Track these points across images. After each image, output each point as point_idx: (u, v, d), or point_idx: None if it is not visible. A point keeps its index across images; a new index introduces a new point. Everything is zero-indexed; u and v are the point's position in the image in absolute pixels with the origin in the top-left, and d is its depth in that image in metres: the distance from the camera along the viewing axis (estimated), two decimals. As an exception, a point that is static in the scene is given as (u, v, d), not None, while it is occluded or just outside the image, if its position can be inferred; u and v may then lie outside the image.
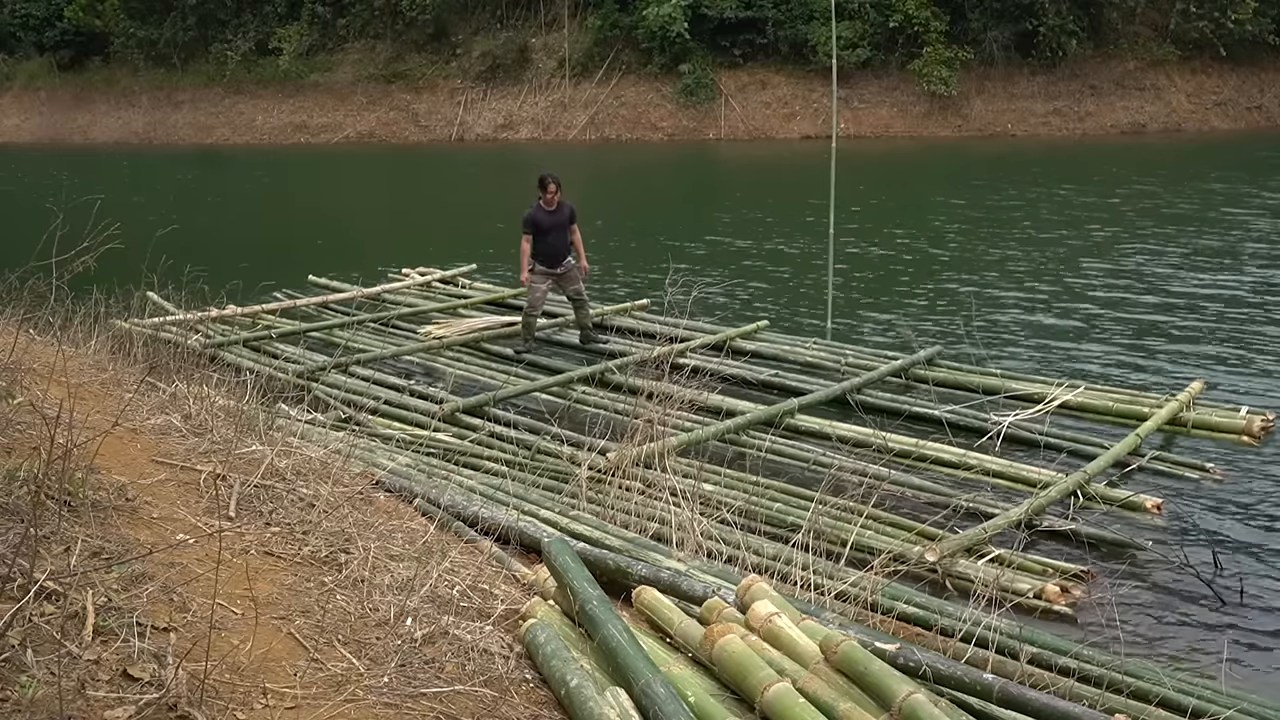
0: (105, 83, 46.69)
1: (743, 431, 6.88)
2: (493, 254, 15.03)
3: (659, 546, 4.77)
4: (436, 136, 38.27)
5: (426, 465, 6.08)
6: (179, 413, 4.52)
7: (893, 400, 7.61)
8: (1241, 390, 7.91)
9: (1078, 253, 13.89)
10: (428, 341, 9.55)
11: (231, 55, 42.45)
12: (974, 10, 32.93)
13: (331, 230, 20.11)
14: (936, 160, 28.04)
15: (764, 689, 2.83)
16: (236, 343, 9.27)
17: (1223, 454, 6.62)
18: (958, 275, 12.78)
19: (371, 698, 2.51)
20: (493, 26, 39.53)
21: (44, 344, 5.35)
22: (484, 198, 23.98)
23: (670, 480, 5.47)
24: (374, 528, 3.78)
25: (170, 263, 7.18)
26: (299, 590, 3.02)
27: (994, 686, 3.03)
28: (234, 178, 30.85)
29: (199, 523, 3.29)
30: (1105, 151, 27.51)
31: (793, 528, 4.97)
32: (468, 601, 3.26)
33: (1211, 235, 14.68)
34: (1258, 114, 32.45)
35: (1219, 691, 3.66)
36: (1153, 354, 9.13)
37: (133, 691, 2.21)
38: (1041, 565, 4.99)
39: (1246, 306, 10.57)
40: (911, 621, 4.20)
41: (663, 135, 35.25)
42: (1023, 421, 6.93)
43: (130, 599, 2.56)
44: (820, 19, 32.90)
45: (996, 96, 33.27)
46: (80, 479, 3.09)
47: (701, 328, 9.26)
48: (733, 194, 23.21)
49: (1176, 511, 5.81)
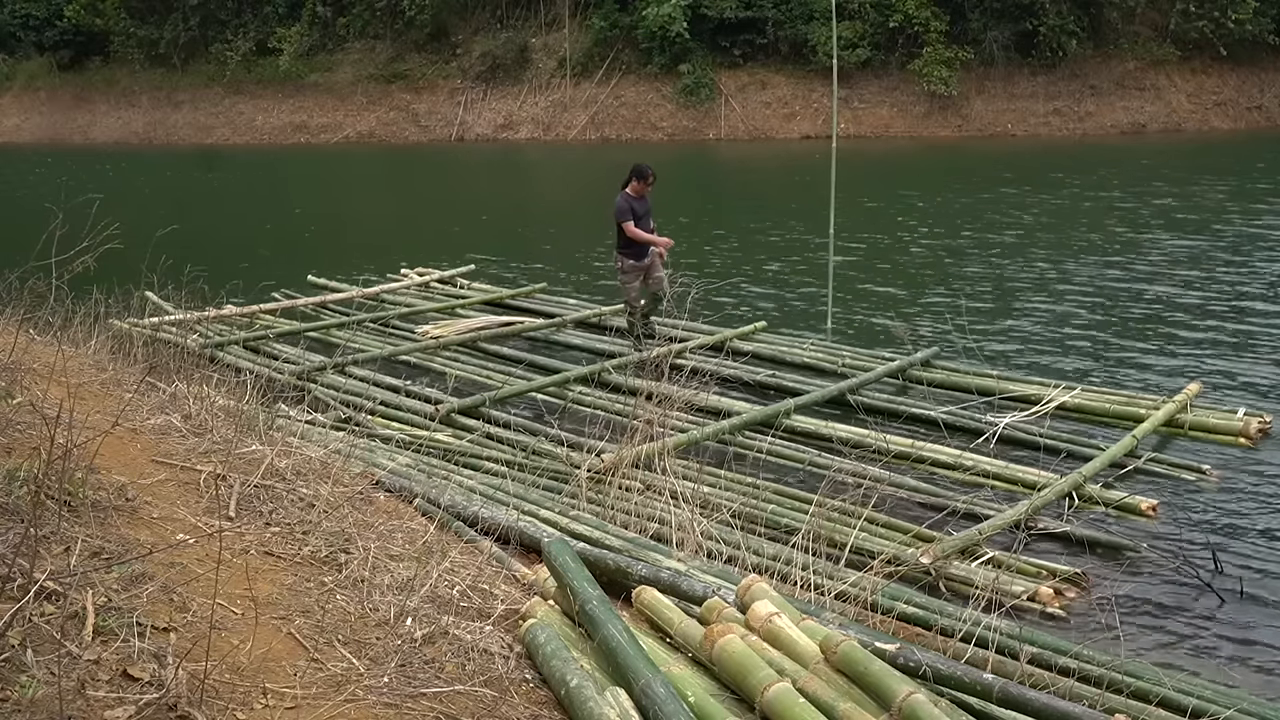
0: (105, 83, 46.68)
1: (741, 432, 6.89)
2: (492, 253, 15.04)
3: (659, 546, 4.77)
4: (436, 136, 38.27)
5: (426, 465, 6.09)
6: (179, 413, 4.52)
7: (890, 401, 7.62)
8: (1238, 392, 7.91)
9: (1076, 254, 13.89)
10: (425, 342, 9.56)
11: (231, 55, 42.45)
12: (974, 10, 32.94)
13: (330, 230, 20.11)
14: (936, 160, 28.04)
15: (764, 689, 2.84)
16: (235, 343, 9.28)
17: (1219, 456, 6.62)
18: (956, 276, 12.77)
19: (371, 698, 2.51)
20: (493, 26, 39.53)
21: (44, 344, 5.35)
22: (483, 198, 23.98)
23: (669, 481, 5.47)
24: (374, 528, 3.78)
25: (170, 263, 7.17)
26: (299, 590, 3.02)
27: (994, 686, 3.03)
28: (229, 177, 30.83)
29: (199, 523, 3.29)
30: (1105, 152, 27.51)
31: (792, 529, 4.97)
32: (468, 601, 3.27)
33: (1210, 236, 14.68)
34: (1258, 114, 32.45)
35: (1219, 691, 3.66)
36: (1149, 355, 9.13)
37: (133, 691, 2.21)
38: (1036, 567, 5.00)
39: (1243, 308, 10.57)
40: (911, 622, 4.21)
41: (663, 135, 35.25)
42: (1019, 423, 6.93)
43: (130, 599, 2.57)
44: (820, 19, 32.92)
45: (996, 96, 33.28)
46: (80, 479, 3.09)
47: (699, 328, 9.26)
48: (732, 194, 23.21)
49: (1173, 513, 5.81)
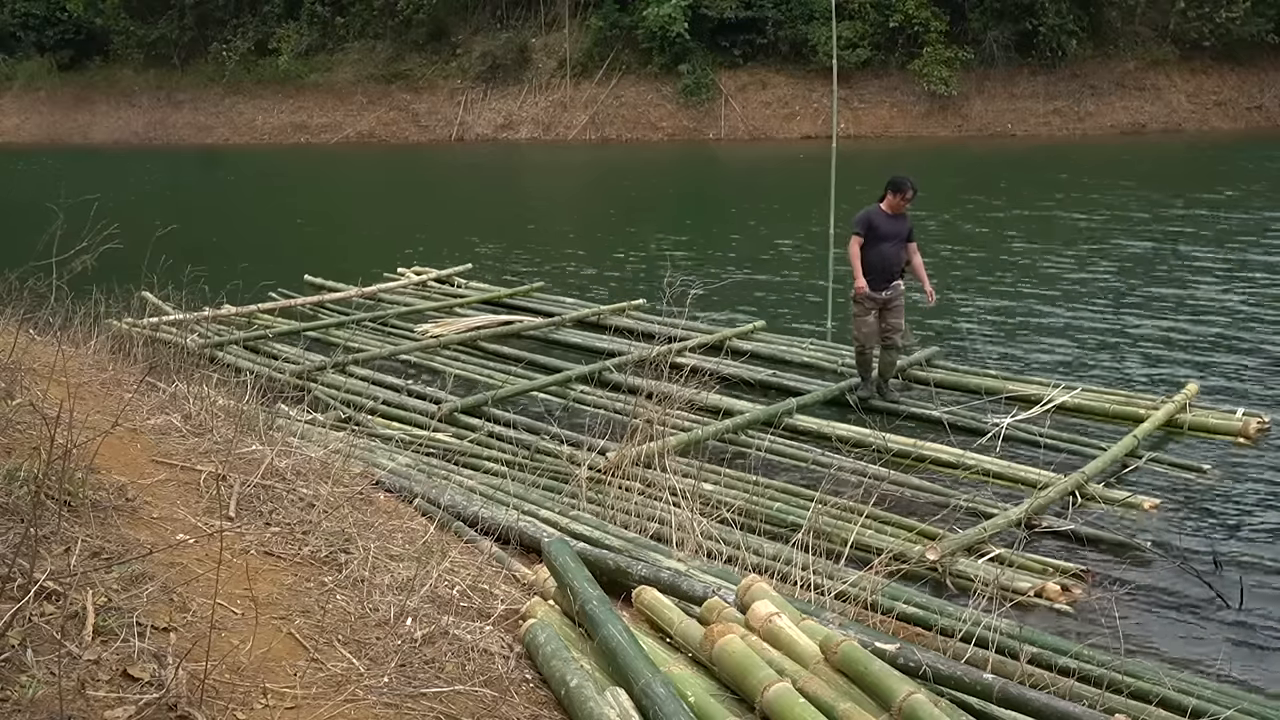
0: (105, 82, 46.68)
1: (742, 431, 6.89)
2: (492, 253, 15.04)
3: (659, 546, 4.77)
4: (436, 137, 38.26)
5: (426, 465, 6.08)
6: (179, 413, 4.52)
7: (891, 400, 7.61)
8: (1237, 392, 7.91)
9: (1076, 254, 13.89)
10: (424, 341, 9.56)
11: (229, 55, 42.43)
12: (974, 10, 32.95)
13: (330, 230, 20.10)
14: (936, 160, 28.03)
15: (764, 689, 2.83)
16: (235, 343, 9.28)
17: (1218, 455, 6.63)
18: (956, 275, 12.77)
19: (371, 698, 2.51)
20: (493, 26, 39.54)
21: (44, 344, 5.34)
22: (483, 198, 23.98)
23: (670, 480, 5.47)
24: (374, 528, 3.78)
25: (170, 263, 7.17)
26: (299, 590, 3.02)
27: (994, 686, 3.03)
28: (230, 177, 30.82)
29: (199, 523, 3.29)
30: (1105, 152, 27.51)
31: (793, 528, 4.98)
32: (468, 601, 3.26)
33: (1209, 237, 14.68)
34: (1258, 114, 32.43)
35: (1219, 691, 3.66)
36: (1149, 356, 9.12)
37: (133, 691, 2.21)
38: (1041, 565, 5.00)
39: (1242, 309, 10.57)
40: (911, 621, 4.20)
41: (663, 135, 35.25)
42: (1020, 422, 6.94)
43: (130, 599, 2.56)
44: (820, 19, 32.93)
45: (996, 96, 33.28)
46: (80, 479, 3.09)
47: (698, 328, 9.26)
48: (732, 194, 23.21)
49: (1174, 512, 5.82)
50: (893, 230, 7.52)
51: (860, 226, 7.49)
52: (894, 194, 7.51)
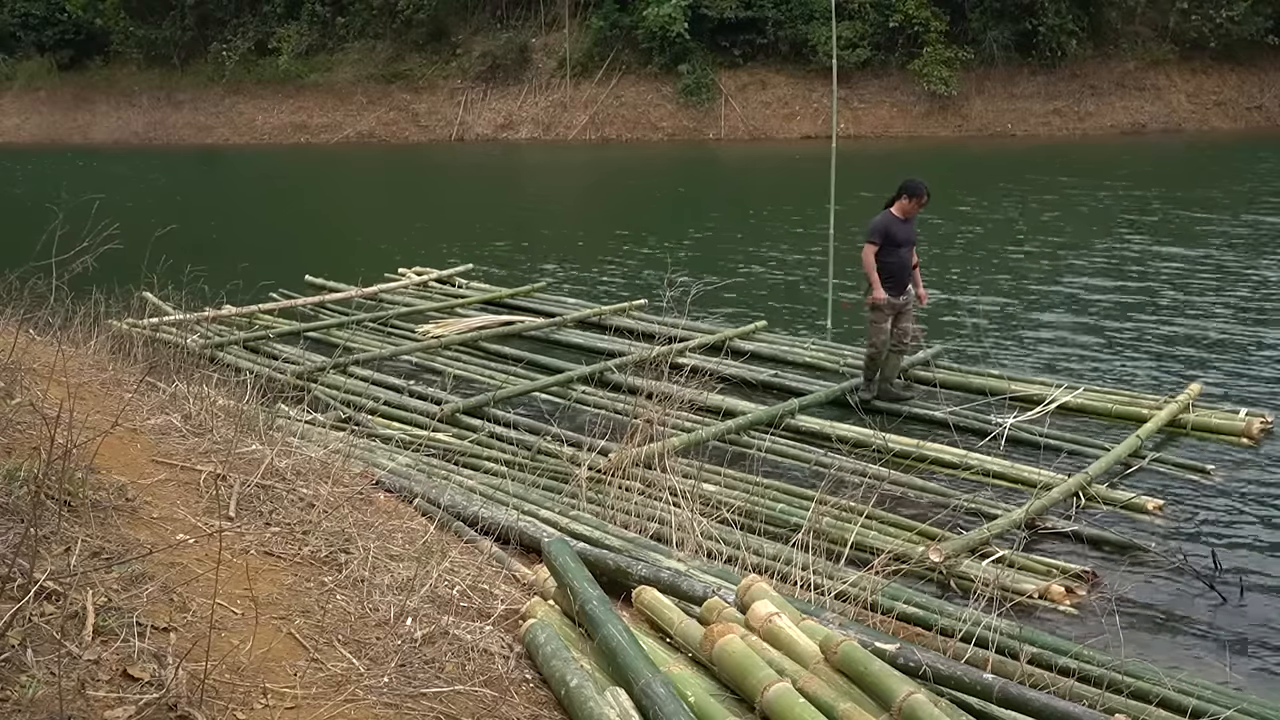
0: (105, 82, 46.71)
1: (743, 432, 6.88)
2: (492, 253, 15.03)
3: (659, 546, 4.77)
4: (436, 137, 38.26)
5: (426, 465, 6.08)
6: (179, 413, 4.52)
7: (898, 400, 7.60)
8: (1240, 392, 7.91)
9: (1077, 254, 13.89)
10: (425, 341, 9.55)
11: (229, 55, 42.44)
12: (974, 10, 32.95)
13: (330, 230, 20.11)
14: (936, 160, 28.02)
15: (764, 689, 2.83)
16: (235, 343, 9.28)
17: (1222, 455, 6.63)
18: (957, 275, 12.77)
19: (371, 698, 2.51)
20: (493, 26, 39.54)
21: (44, 344, 5.34)
22: (483, 198, 23.97)
23: (670, 480, 5.47)
24: (374, 528, 3.78)
25: (170, 263, 7.17)
26: (299, 590, 3.02)
27: (994, 686, 3.03)
28: (230, 177, 30.82)
29: (199, 523, 3.29)
30: (1105, 152, 27.50)
31: (793, 528, 4.97)
32: (468, 601, 3.26)
33: (1210, 237, 14.68)
34: (1258, 114, 32.43)
35: (1219, 691, 3.66)
36: (1151, 356, 9.12)
37: (133, 691, 2.21)
38: (1045, 565, 5.00)
39: (1244, 308, 10.57)
40: (911, 621, 4.20)
41: (663, 135, 35.25)
42: (1023, 422, 6.93)
43: (130, 599, 2.56)
44: (820, 19, 32.93)
45: (996, 96, 33.28)
46: (80, 479, 3.09)
47: (699, 328, 9.25)
48: (732, 194, 23.20)
49: (1177, 512, 5.81)
50: (905, 236, 7.47)
51: (877, 235, 7.38)
52: (909, 198, 7.42)
